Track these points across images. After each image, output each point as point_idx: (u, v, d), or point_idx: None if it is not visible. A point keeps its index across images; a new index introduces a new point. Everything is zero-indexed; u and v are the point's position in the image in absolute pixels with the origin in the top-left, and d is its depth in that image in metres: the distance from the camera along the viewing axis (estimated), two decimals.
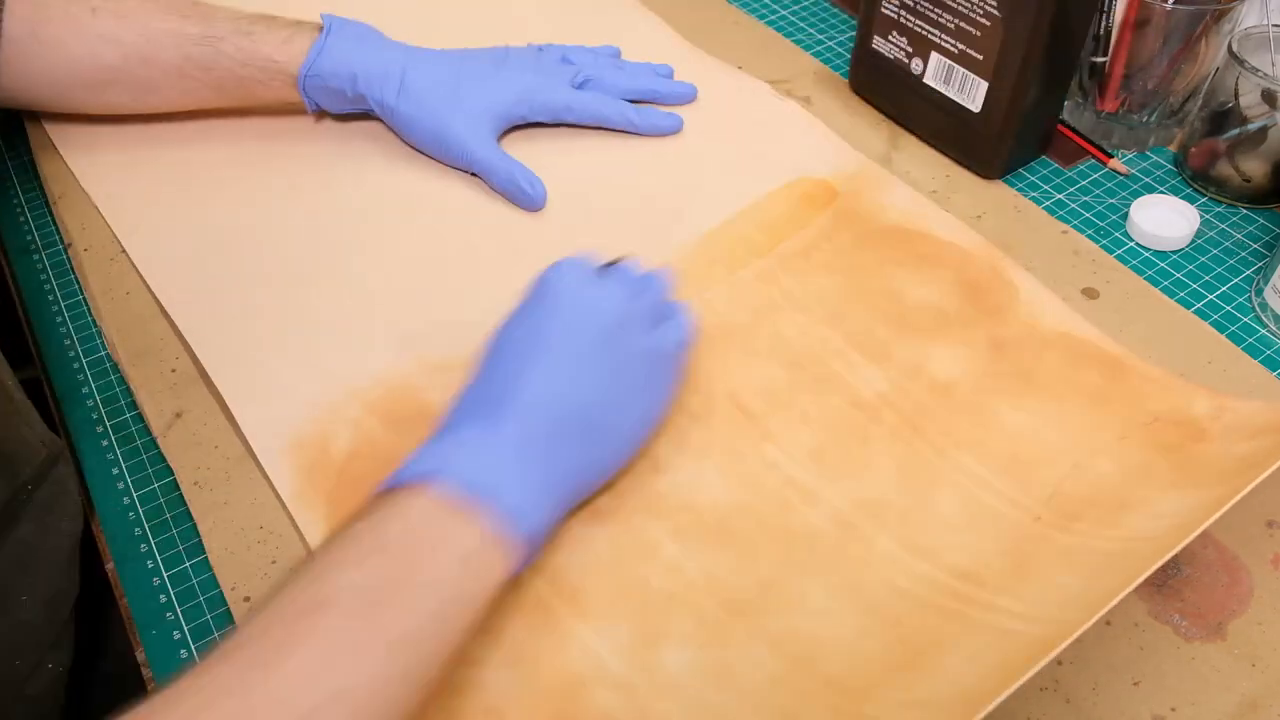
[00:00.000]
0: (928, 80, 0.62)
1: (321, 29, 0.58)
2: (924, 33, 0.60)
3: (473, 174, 0.60)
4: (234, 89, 0.59)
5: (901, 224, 0.58)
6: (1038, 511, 0.45)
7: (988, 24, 0.56)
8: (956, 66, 0.59)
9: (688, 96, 0.65)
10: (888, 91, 0.65)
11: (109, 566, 0.45)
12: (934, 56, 0.60)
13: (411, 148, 0.61)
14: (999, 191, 0.61)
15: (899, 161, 0.63)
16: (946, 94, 0.61)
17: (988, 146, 0.61)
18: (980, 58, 0.58)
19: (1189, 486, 0.44)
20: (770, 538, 0.44)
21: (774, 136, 0.64)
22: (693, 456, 0.47)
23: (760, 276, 0.55)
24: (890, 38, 0.62)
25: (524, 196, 0.58)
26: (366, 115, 0.62)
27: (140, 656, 0.42)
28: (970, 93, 0.59)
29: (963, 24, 0.57)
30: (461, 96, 0.59)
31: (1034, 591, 0.41)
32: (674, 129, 0.63)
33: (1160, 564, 0.37)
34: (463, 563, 0.36)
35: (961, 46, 0.58)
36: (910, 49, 0.62)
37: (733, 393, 0.50)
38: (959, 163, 0.63)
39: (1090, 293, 0.55)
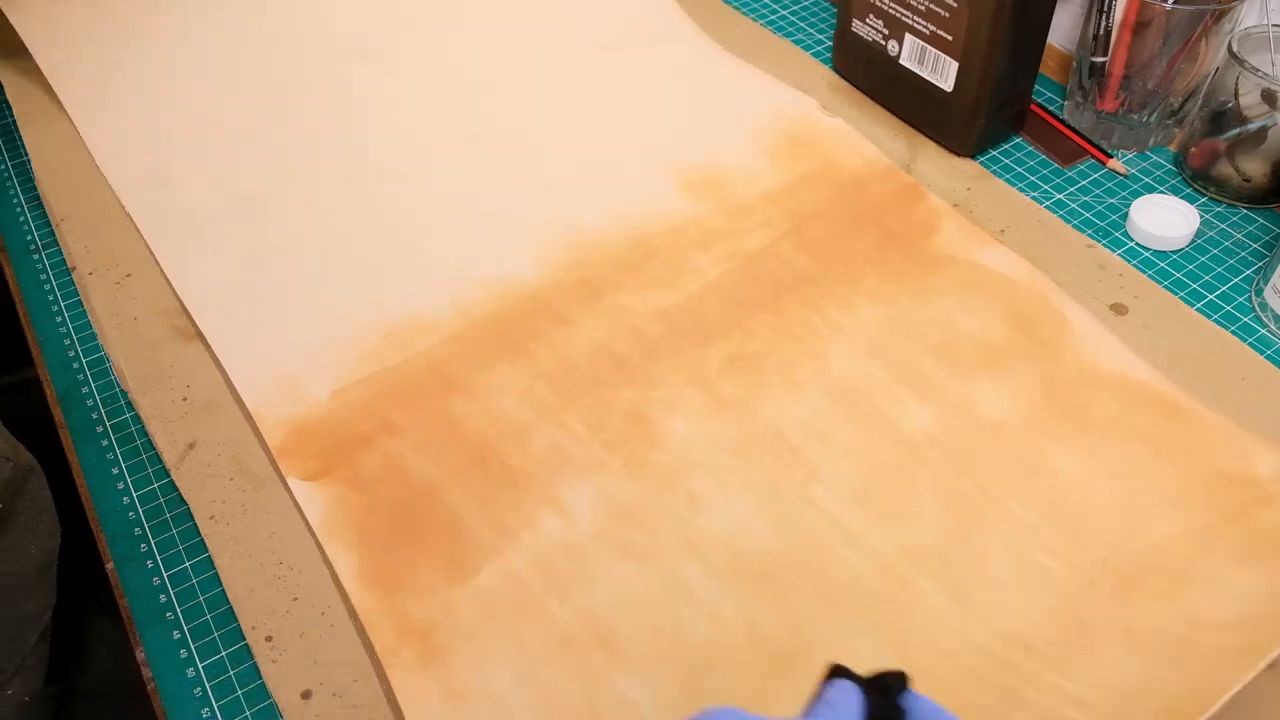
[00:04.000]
0: (904, 61, 0.64)
1: None
2: (898, 15, 0.62)
3: None
4: None
5: (947, 250, 0.56)
6: (1092, 574, 0.42)
7: (955, 5, 0.58)
8: (929, 48, 0.61)
9: None
10: (868, 73, 0.67)
11: (109, 566, 0.45)
12: (908, 38, 0.62)
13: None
14: (1021, 204, 0.60)
15: (919, 171, 0.62)
16: (921, 74, 0.63)
17: (960, 125, 0.63)
18: (950, 38, 0.60)
19: (1256, 566, 0.42)
20: (811, 581, 0.42)
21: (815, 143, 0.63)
22: (732, 492, 0.45)
23: (805, 302, 0.53)
24: (868, 20, 0.65)
25: None
26: None
27: (140, 656, 0.42)
28: (942, 73, 0.61)
29: (933, 6, 0.59)
30: None
31: (1093, 672, 0.39)
32: None
33: (1238, 688, 0.35)
34: None
35: (932, 28, 0.60)
36: (887, 31, 0.64)
37: (774, 424, 0.48)
38: (935, 141, 0.65)
39: (1119, 308, 0.54)
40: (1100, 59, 0.61)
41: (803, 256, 0.56)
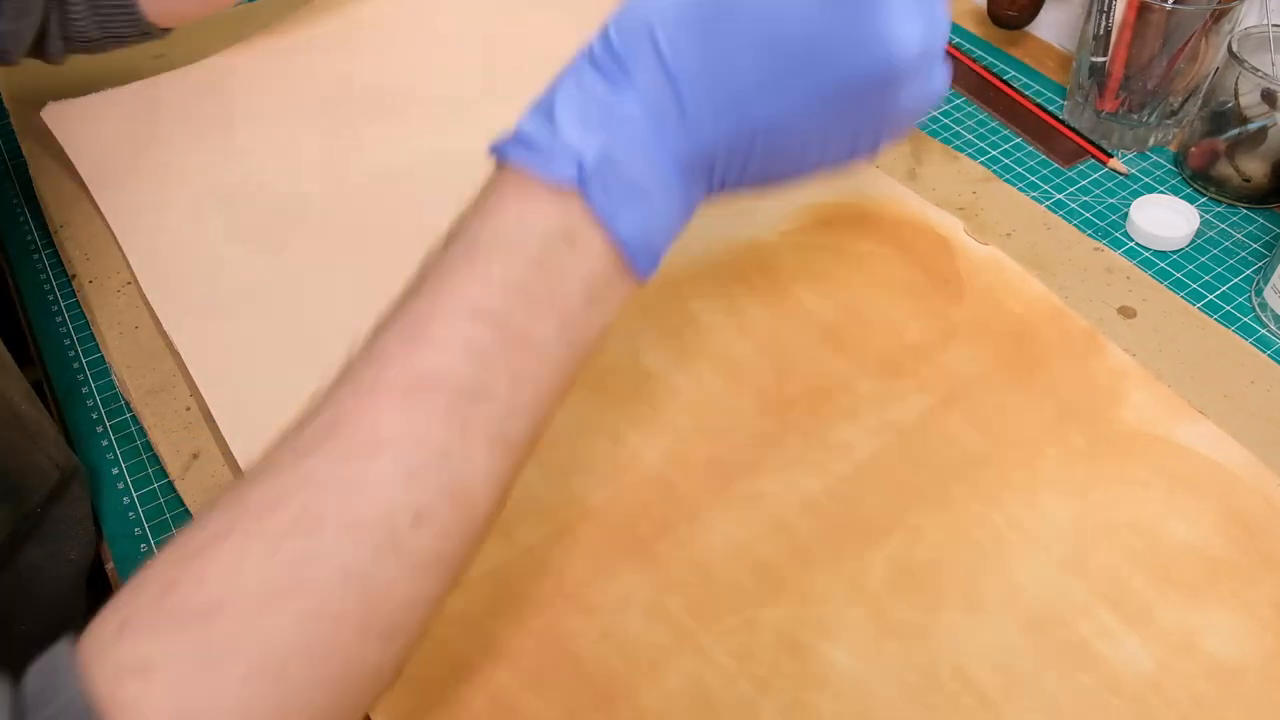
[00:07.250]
0: None
1: None
2: None
3: None
4: None
5: (1138, 425, 0.47)
6: None
7: None
8: None
9: None
10: None
11: (109, 566, 0.45)
12: None
13: None
14: (1027, 208, 0.60)
15: (924, 177, 0.62)
16: None
17: None
18: None
19: None
20: None
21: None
22: None
23: (979, 494, 0.45)
24: None
25: None
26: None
27: None
28: None
29: None
30: None
31: None
32: None
33: None
34: (587, 296, 0.30)
35: None
36: None
37: (960, 666, 0.39)
38: None
39: (1127, 311, 0.54)
40: (1100, 59, 0.61)
41: (969, 432, 0.47)
